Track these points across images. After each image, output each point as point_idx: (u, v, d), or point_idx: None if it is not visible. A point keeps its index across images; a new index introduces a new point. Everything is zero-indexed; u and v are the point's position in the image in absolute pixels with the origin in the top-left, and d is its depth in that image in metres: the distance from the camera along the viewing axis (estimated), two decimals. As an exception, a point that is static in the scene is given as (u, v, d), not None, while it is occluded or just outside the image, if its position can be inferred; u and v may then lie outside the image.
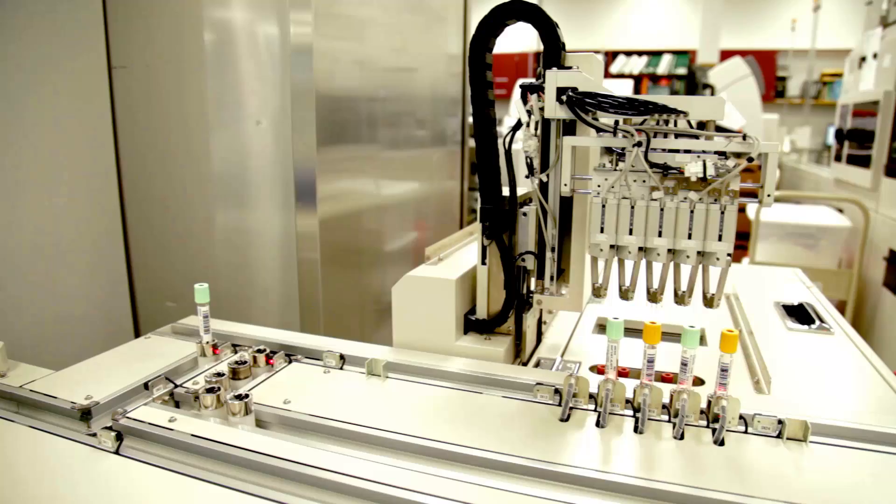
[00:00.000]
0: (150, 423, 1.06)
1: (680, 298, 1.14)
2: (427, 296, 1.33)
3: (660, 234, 1.07)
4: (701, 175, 1.00)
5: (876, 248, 4.18)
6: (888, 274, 3.94)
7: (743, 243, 4.69)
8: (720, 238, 1.05)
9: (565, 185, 1.14)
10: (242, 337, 1.45)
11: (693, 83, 7.81)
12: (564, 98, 1.10)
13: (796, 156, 7.77)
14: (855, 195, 4.42)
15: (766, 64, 9.91)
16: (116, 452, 1.02)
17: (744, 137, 1.00)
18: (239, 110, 2.12)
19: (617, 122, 1.08)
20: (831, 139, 5.33)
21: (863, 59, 4.80)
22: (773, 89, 10.91)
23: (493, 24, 1.21)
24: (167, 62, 2.14)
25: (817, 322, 1.75)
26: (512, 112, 5.74)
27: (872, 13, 4.94)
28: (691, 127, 1.08)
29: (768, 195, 1.01)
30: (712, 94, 7.06)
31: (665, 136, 1.08)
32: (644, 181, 1.07)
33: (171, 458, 1.01)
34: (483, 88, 1.23)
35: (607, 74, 11.46)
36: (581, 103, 1.08)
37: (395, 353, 1.33)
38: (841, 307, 4.30)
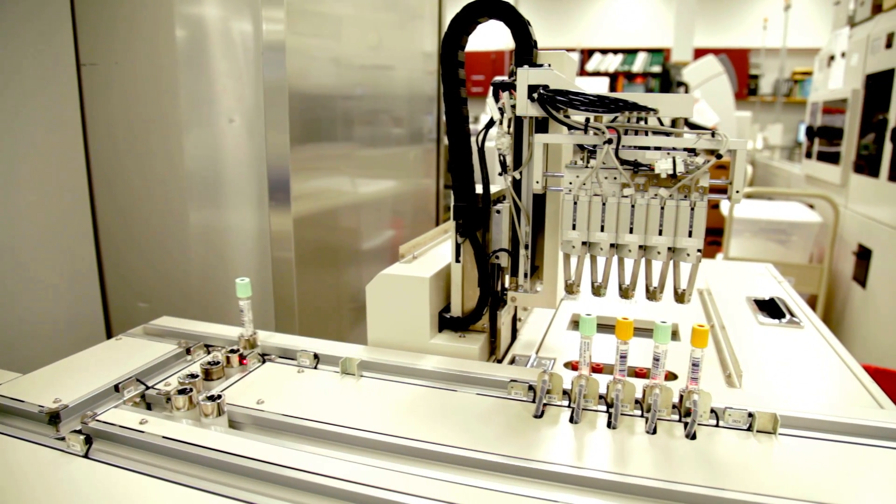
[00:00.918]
0: (120, 426, 1.04)
1: (651, 294, 1.15)
2: (401, 294, 1.33)
3: (631, 231, 1.08)
4: (671, 172, 1.01)
5: (845, 243, 4.26)
6: (857, 268, 4.02)
7: (717, 239, 4.76)
8: (690, 234, 1.06)
9: (537, 182, 1.14)
10: (215, 337, 1.43)
11: (667, 81, 7.88)
12: (536, 96, 1.10)
13: (769, 153, 7.88)
14: (825, 191, 4.51)
15: (738, 62, 10.04)
16: (85, 456, 1.00)
17: (713, 134, 1.02)
18: (212, 108, 2.10)
19: (588, 120, 1.08)
20: (802, 136, 5.42)
21: (831, 57, 4.89)
22: (745, 87, 11.07)
23: (465, 22, 1.21)
24: (138, 59, 2.10)
25: (788, 316, 1.78)
26: (488, 110, 5.73)
27: (840, 13, 5.03)
28: (661, 124, 1.09)
29: (737, 191, 1.03)
30: (686, 91, 7.14)
31: (636, 133, 1.08)
32: (615, 178, 1.07)
33: (142, 460, 1.00)
34: (455, 86, 1.23)
35: (583, 72, 11.54)
36: (552, 101, 1.09)
37: (370, 352, 1.32)
38: (812, 301, 4.39)
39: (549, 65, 1.15)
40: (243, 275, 2.19)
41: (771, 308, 1.86)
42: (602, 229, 1.09)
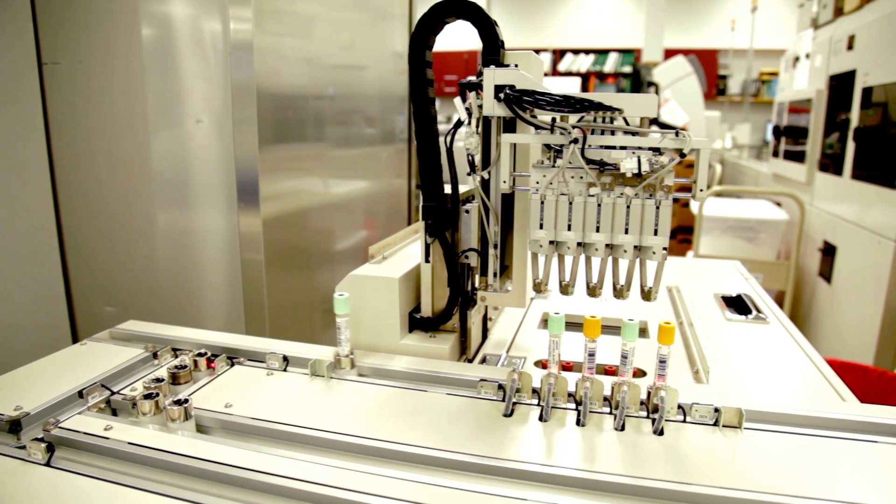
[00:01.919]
0: (84, 433, 1.02)
1: (619, 292, 1.17)
2: (371, 295, 1.32)
3: (597, 230, 1.09)
4: (636, 171, 1.02)
5: (811, 240, 4.35)
6: (823, 264, 4.10)
7: (688, 237, 4.83)
8: (656, 232, 1.07)
9: (505, 182, 1.14)
10: (183, 341, 1.41)
11: (638, 81, 7.97)
12: (502, 96, 1.10)
13: (737, 152, 8.01)
14: (791, 189, 4.60)
15: (707, 63, 10.20)
16: (47, 464, 0.98)
17: (676, 134, 1.03)
18: (179, 108, 2.07)
19: (554, 120, 1.09)
20: (769, 136, 5.52)
21: (796, 58, 4.99)
22: (714, 87, 11.25)
23: (433, 22, 1.21)
24: (102, 58, 2.06)
25: (754, 312, 1.81)
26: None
27: (804, 15, 5.14)
28: (628, 124, 1.10)
29: (701, 189, 1.04)
30: (657, 91, 7.23)
31: (602, 132, 1.09)
32: (581, 177, 1.08)
33: (107, 467, 0.98)
34: (423, 86, 1.23)
35: (555, 72, 11.62)
36: (518, 101, 1.09)
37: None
38: (780, 297, 4.47)
39: (516, 65, 1.15)
40: (212, 277, 2.17)
41: (738, 304, 1.90)
42: (569, 228, 1.10)
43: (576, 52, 12.05)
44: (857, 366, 2.83)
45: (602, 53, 11.96)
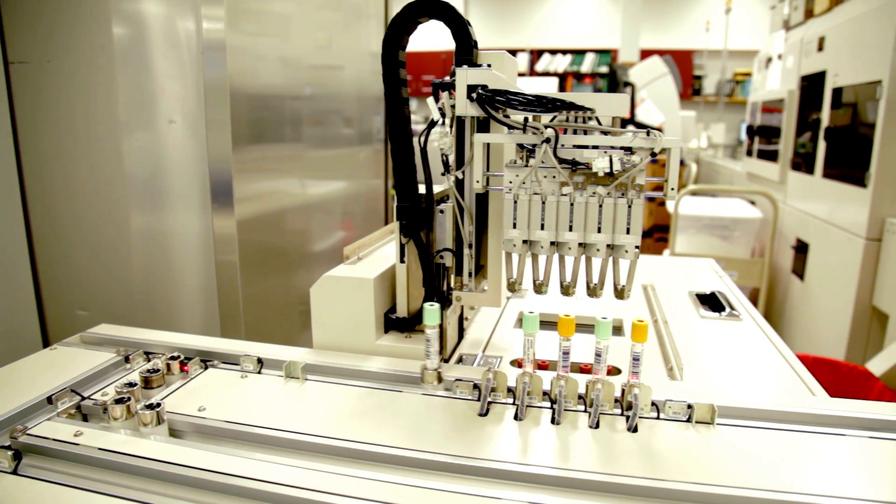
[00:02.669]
0: (52, 439, 1.01)
1: (592, 291, 1.17)
2: (346, 296, 1.31)
3: (570, 229, 1.09)
4: (608, 170, 1.03)
5: (784, 238, 4.42)
6: (796, 261, 4.17)
7: (664, 235, 4.87)
8: (628, 231, 1.08)
9: (478, 181, 1.15)
10: (156, 344, 1.39)
11: (615, 81, 8.04)
12: (475, 96, 1.11)
13: (712, 151, 8.11)
14: (765, 188, 4.66)
15: (683, 63, 10.32)
16: (14, 472, 0.96)
17: (647, 133, 1.04)
18: (152, 109, 2.04)
19: (527, 119, 1.09)
20: (744, 135, 5.60)
21: (769, 59, 5.06)
22: (690, 87, 11.38)
23: (405, 22, 1.20)
24: (72, 57, 2.03)
25: (728, 309, 1.84)
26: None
27: (776, 17, 5.21)
28: (600, 124, 1.11)
29: (672, 188, 1.05)
30: (633, 91, 7.29)
31: (576, 132, 1.10)
32: (554, 177, 1.09)
33: (77, 474, 0.96)
34: (397, 86, 1.23)
35: (533, 72, 11.67)
36: (491, 101, 1.10)
37: (315, 355, 1.31)
38: (755, 294, 4.53)
39: (489, 65, 1.15)
40: (187, 279, 2.15)
41: (712, 302, 1.92)
42: (542, 228, 1.10)
43: (553, 52, 12.13)
44: (829, 361, 2.88)
45: (579, 54, 12.04)
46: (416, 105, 11.34)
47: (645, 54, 9.11)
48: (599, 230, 1.08)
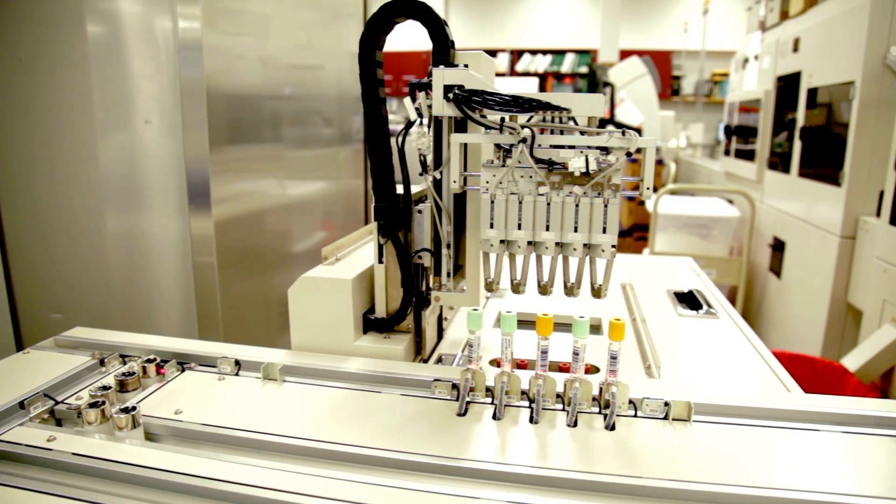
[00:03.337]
0: (25, 445, 0.99)
1: (569, 290, 1.18)
2: (324, 296, 1.31)
3: (547, 228, 1.10)
4: (584, 170, 1.04)
5: (762, 236, 4.47)
6: (773, 259, 4.22)
7: (644, 235, 4.91)
8: (604, 230, 1.08)
9: (455, 181, 1.15)
10: (131, 347, 1.38)
11: (594, 81, 8.09)
12: (451, 96, 1.11)
13: (691, 151, 8.19)
14: (743, 187, 4.72)
15: (661, 63, 10.41)
16: (-16, 480, 0.94)
17: (623, 133, 1.04)
18: (127, 108, 2.01)
19: (503, 119, 1.10)
20: (722, 135, 5.66)
21: (746, 60, 5.12)
22: (669, 87, 11.49)
23: (382, 22, 1.20)
24: (45, 57, 2.00)
25: (705, 307, 1.85)
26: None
27: (752, 18, 5.28)
28: (577, 124, 1.11)
29: (647, 188, 1.06)
30: (612, 91, 7.34)
31: (552, 132, 1.10)
32: (531, 177, 1.09)
33: (51, 480, 0.94)
34: (374, 86, 1.22)
35: (513, 73, 11.71)
36: (467, 101, 1.10)
37: (293, 357, 1.30)
38: (733, 292, 4.58)
39: (466, 65, 1.15)
40: (164, 281, 2.12)
41: (690, 300, 1.94)
42: (519, 227, 1.10)
43: (533, 52, 12.17)
44: (805, 357, 2.92)
45: (559, 54, 12.10)
46: (397, 105, 11.33)
47: (624, 55, 9.18)
48: (576, 230, 1.09)
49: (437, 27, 1.17)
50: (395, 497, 0.88)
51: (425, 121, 1.21)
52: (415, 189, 1.32)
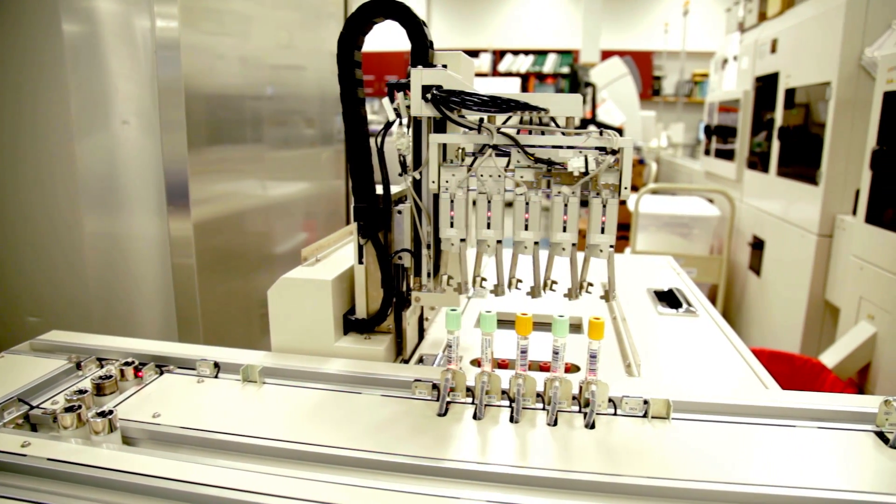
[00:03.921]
0: (-1, 451, 0.98)
1: (543, 287, 1.18)
2: (304, 297, 1.30)
3: (526, 228, 1.10)
4: (583, 170, 1.04)
5: (742, 235, 4.52)
6: (752, 258, 4.27)
7: (625, 234, 4.95)
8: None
9: (433, 182, 1.15)
10: (109, 350, 1.36)
11: (576, 82, 8.13)
12: (429, 96, 1.11)
13: (672, 150, 8.26)
14: (722, 186, 4.77)
15: (642, 64, 10.48)
16: (-46, 488, 0.93)
17: (601, 133, 1.05)
18: (105, 109, 1.99)
19: (482, 120, 1.10)
20: (702, 135, 5.71)
21: (725, 60, 5.18)
22: (649, 88, 11.58)
23: (361, 22, 1.20)
24: (18, 55, 1.97)
25: (685, 306, 1.87)
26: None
27: (731, 19, 5.33)
28: (556, 125, 1.12)
29: (626, 188, 1.06)
30: (594, 92, 7.38)
31: (530, 132, 1.11)
32: (500, 176, 1.09)
33: (26, 486, 0.93)
34: (353, 87, 1.22)
35: (495, 73, 11.73)
36: (446, 101, 1.10)
37: (273, 358, 1.29)
38: (714, 290, 4.63)
39: (445, 65, 1.15)
40: (143, 284, 2.10)
41: (669, 298, 1.95)
42: (488, 227, 1.11)
43: (515, 52, 12.21)
44: (784, 354, 2.96)
45: (541, 54, 12.15)
46: (378, 106, 11.30)
47: (605, 55, 9.24)
48: (565, 230, 1.10)
49: (415, 27, 1.17)
50: (375, 498, 0.88)
51: (405, 121, 1.21)
52: (395, 189, 1.32)
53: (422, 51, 1.17)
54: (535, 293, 1.13)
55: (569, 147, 1.07)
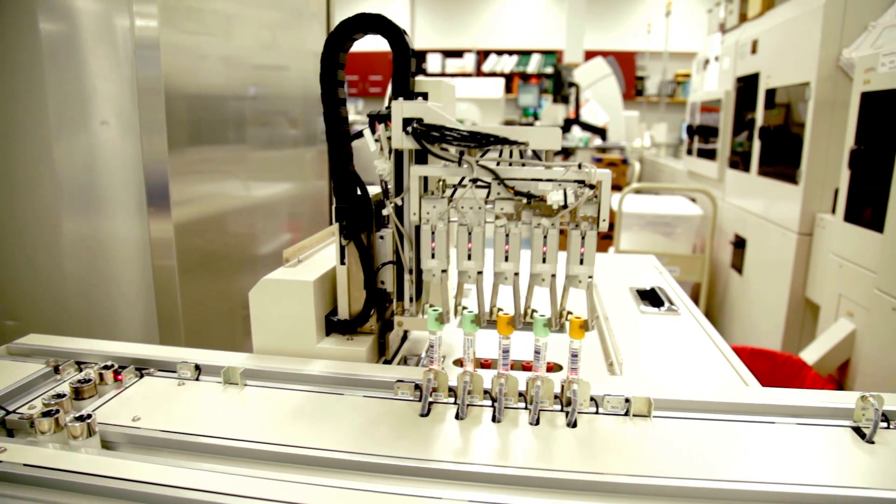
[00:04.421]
0: (-27, 457, 0.96)
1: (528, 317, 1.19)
2: (285, 299, 1.29)
3: (506, 259, 1.10)
4: (562, 203, 1.05)
5: (724, 234, 4.56)
6: (734, 256, 4.31)
7: (609, 233, 4.97)
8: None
9: (414, 214, 1.15)
10: (87, 353, 1.34)
11: (560, 82, 8.16)
12: (410, 129, 1.11)
13: (655, 150, 8.32)
14: (705, 186, 4.80)
15: (625, 64, 10.55)
16: (-69, 494, 0.91)
17: (579, 166, 1.06)
18: (84, 109, 1.97)
19: (462, 154, 1.11)
20: (685, 134, 5.76)
21: (707, 61, 5.22)
22: (633, 88, 11.65)
23: (347, 32, 1.20)
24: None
25: (667, 304, 1.88)
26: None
27: (713, 20, 5.38)
28: (536, 156, 1.12)
29: (604, 220, 1.08)
30: (577, 92, 7.41)
31: (510, 164, 1.12)
32: (480, 207, 1.10)
33: (2, 493, 0.91)
34: (333, 86, 1.22)
35: (479, 73, 11.75)
36: (426, 135, 1.10)
37: (255, 360, 1.28)
38: (697, 289, 4.66)
39: (426, 93, 1.17)
40: (124, 286, 2.08)
41: (652, 297, 1.96)
42: (469, 258, 1.11)
43: (499, 53, 12.24)
44: (766, 352, 2.99)
45: (525, 55, 12.19)
46: (362, 105, 11.28)
47: (589, 55, 9.28)
48: (545, 261, 1.10)
49: (396, 37, 1.18)
50: (358, 499, 0.87)
51: (385, 147, 1.21)
52: (373, 191, 1.32)
53: (404, 58, 1.18)
54: (514, 323, 1.14)
55: (548, 180, 1.07)
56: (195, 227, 2.10)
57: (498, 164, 1.10)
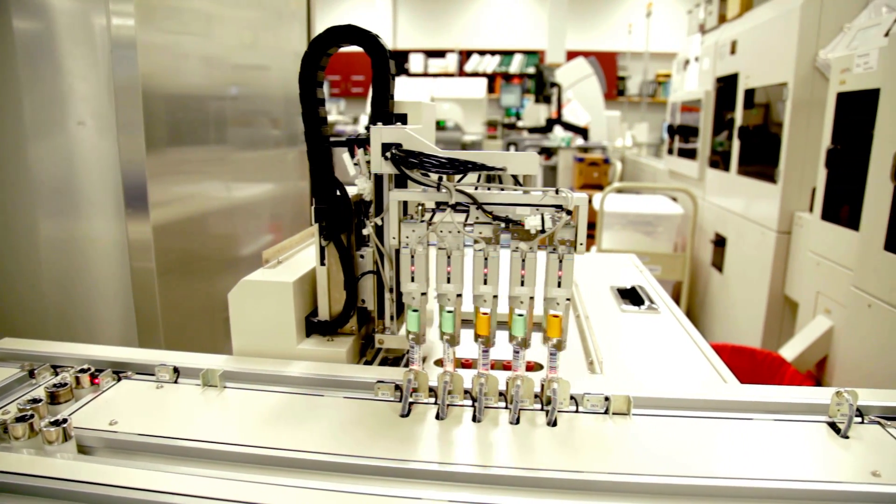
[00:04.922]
0: (-55, 464, 0.94)
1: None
2: (265, 300, 1.28)
3: (485, 282, 1.11)
4: (539, 228, 1.05)
5: (704, 232, 4.60)
6: (715, 255, 4.35)
7: (591, 233, 5.00)
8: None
9: (394, 238, 1.16)
10: (64, 357, 1.32)
11: (542, 82, 8.19)
12: (388, 155, 1.11)
13: (636, 150, 8.37)
14: (685, 185, 4.85)
15: (607, 64, 10.61)
16: None
17: (557, 192, 1.06)
18: (60, 110, 1.94)
19: (441, 179, 1.11)
20: (666, 134, 5.81)
21: (687, 61, 5.27)
22: (614, 88, 11.73)
23: (330, 41, 1.20)
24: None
25: (647, 303, 1.90)
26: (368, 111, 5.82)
27: (693, 21, 5.43)
28: (516, 181, 1.13)
29: (581, 244, 1.08)
30: (559, 92, 7.44)
31: (489, 189, 1.12)
32: (459, 231, 1.10)
33: (-25, 500, 0.90)
34: (312, 86, 1.21)
35: (462, 73, 11.77)
36: (405, 161, 1.10)
37: (234, 362, 1.27)
38: (678, 287, 4.71)
39: (405, 115, 1.19)
40: (102, 289, 2.05)
41: (632, 296, 1.98)
42: (448, 281, 1.11)
43: (482, 53, 12.26)
44: (746, 349, 3.02)
45: (507, 55, 12.22)
46: (345, 106, 11.25)
47: (571, 55, 9.33)
48: (523, 283, 1.10)
49: (375, 48, 1.19)
50: (339, 501, 0.87)
51: (364, 168, 1.22)
52: (352, 191, 1.32)
53: (383, 99, 1.20)
54: (488, 344, 1.14)
55: (526, 205, 1.08)
56: (174, 228, 2.08)
57: (476, 188, 1.10)
